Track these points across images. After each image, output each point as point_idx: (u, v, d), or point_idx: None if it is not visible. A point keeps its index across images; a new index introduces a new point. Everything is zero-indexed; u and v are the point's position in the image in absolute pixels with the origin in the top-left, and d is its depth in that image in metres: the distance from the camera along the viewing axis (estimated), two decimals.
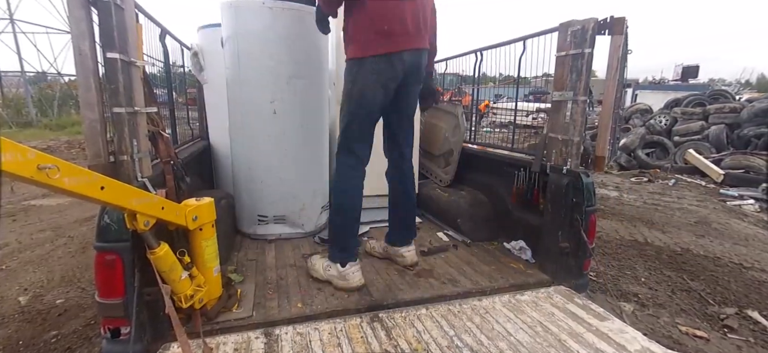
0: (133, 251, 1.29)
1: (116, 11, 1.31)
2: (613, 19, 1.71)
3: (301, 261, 2.09)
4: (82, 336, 2.26)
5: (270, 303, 1.66)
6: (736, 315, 2.53)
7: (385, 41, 1.65)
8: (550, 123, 1.95)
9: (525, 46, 2.33)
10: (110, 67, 1.32)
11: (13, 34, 14.36)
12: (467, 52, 3.07)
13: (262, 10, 2.10)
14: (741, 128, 7.19)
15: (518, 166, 2.23)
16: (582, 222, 1.79)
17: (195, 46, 2.65)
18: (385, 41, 1.65)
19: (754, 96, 9.84)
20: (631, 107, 9.61)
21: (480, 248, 2.32)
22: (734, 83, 22.87)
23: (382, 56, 1.67)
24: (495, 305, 1.70)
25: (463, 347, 1.41)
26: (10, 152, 0.80)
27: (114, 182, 1.08)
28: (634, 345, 1.41)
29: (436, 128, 3.23)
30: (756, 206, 5.04)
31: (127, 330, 1.32)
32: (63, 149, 8.81)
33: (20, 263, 3.18)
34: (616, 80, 1.77)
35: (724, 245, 3.69)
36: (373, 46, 1.66)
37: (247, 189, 2.39)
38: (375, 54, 1.66)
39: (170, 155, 1.65)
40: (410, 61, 1.73)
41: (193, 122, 3.21)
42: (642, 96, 13.89)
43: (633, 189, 6.05)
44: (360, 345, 1.41)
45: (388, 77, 1.71)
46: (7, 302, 2.61)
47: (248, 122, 2.27)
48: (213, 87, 2.81)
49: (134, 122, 1.42)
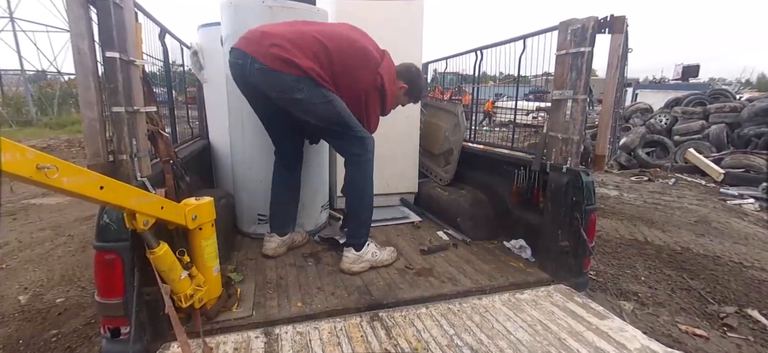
0: (132, 251, 1.29)
1: (115, 10, 1.31)
2: (613, 18, 1.71)
3: (300, 261, 2.09)
4: (82, 335, 2.26)
5: (270, 302, 1.66)
6: (735, 313, 2.53)
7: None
8: (550, 122, 1.95)
9: (525, 44, 2.33)
10: (109, 66, 1.32)
11: (13, 33, 14.34)
12: (467, 51, 3.07)
13: (262, 10, 2.09)
14: (741, 128, 7.18)
15: (518, 165, 2.23)
16: (582, 221, 1.79)
17: (195, 45, 2.65)
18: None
19: (754, 95, 9.83)
20: (632, 106, 9.60)
21: (480, 247, 2.32)
22: (735, 83, 22.89)
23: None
24: (495, 303, 1.70)
25: (463, 346, 1.41)
26: (10, 152, 0.80)
27: (113, 182, 1.08)
28: (634, 344, 1.42)
29: (436, 127, 3.23)
30: (756, 206, 5.04)
31: (126, 329, 1.32)
32: (63, 147, 8.81)
33: (20, 262, 3.19)
34: (616, 79, 1.77)
35: (724, 244, 3.69)
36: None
37: (247, 188, 2.39)
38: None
39: (170, 155, 1.65)
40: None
41: (192, 121, 3.21)
42: (642, 95, 13.88)
43: (633, 188, 6.05)
44: (360, 344, 1.41)
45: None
46: (7, 301, 2.61)
47: (248, 121, 2.27)
48: (213, 86, 2.80)
49: (133, 122, 1.42)
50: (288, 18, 2.13)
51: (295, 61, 1.69)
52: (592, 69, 1.79)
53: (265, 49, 1.71)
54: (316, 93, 1.76)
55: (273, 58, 1.70)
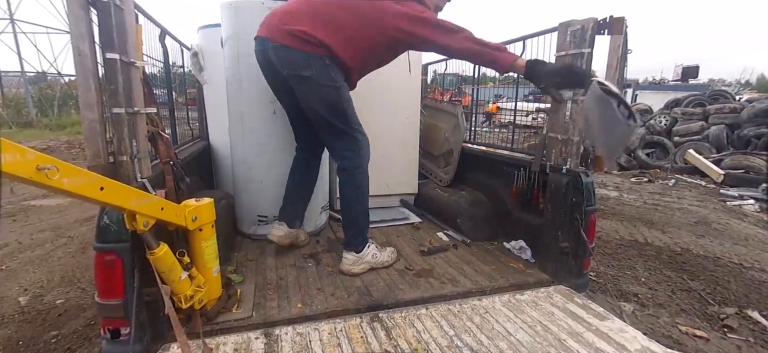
0: (132, 252, 1.29)
1: (116, 11, 1.31)
2: (612, 19, 1.71)
3: (301, 261, 2.09)
4: (82, 336, 2.26)
5: (270, 303, 1.66)
6: (736, 314, 2.53)
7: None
8: (550, 123, 1.95)
9: (525, 46, 2.33)
10: (110, 67, 1.32)
11: (13, 34, 14.38)
12: None
13: (262, 11, 2.09)
14: (741, 129, 7.19)
15: (518, 166, 2.23)
16: (582, 222, 1.79)
17: (195, 47, 2.65)
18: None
19: (754, 96, 9.85)
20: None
21: (480, 247, 2.32)
22: (734, 83, 22.90)
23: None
24: (495, 304, 1.70)
25: (463, 347, 1.41)
26: (10, 153, 0.80)
27: (113, 183, 1.08)
28: (634, 345, 1.41)
29: (436, 128, 3.23)
30: (756, 207, 5.04)
31: (126, 330, 1.32)
32: (63, 149, 8.81)
33: (20, 263, 3.19)
34: (615, 80, 1.77)
35: (724, 245, 3.69)
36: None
37: (247, 189, 2.39)
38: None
39: (170, 156, 1.65)
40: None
41: (192, 122, 3.22)
42: (642, 96, 13.90)
43: (633, 189, 6.05)
44: (360, 345, 1.41)
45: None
46: (7, 302, 2.61)
47: (248, 122, 2.27)
48: (213, 87, 2.81)
49: (134, 123, 1.42)
50: None
51: (305, 32, 1.68)
52: (591, 70, 1.79)
53: (279, 27, 1.74)
54: (324, 74, 1.74)
55: (284, 34, 1.71)
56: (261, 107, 2.22)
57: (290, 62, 1.74)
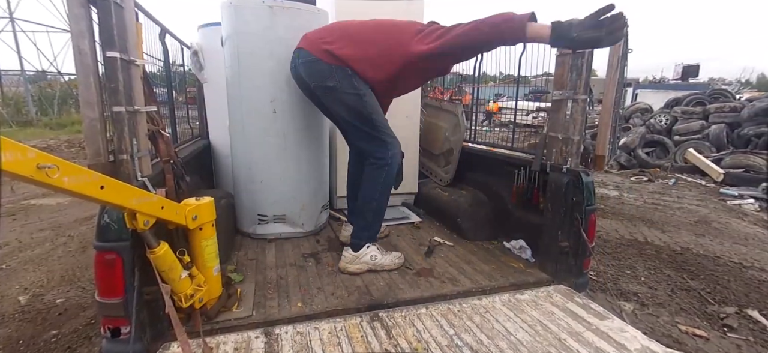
0: (132, 251, 1.29)
1: (116, 10, 1.31)
2: None
3: (301, 261, 2.09)
4: (82, 335, 2.26)
5: (270, 302, 1.66)
6: (735, 314, 2.53)
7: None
8: (550, 122, 1.95)
9: (525, 45, 2.33)
10: (110, 66, 1.32)
11: (13, 33, 14.34)
12: None
13: (263, 9, 2.09)
14: (741, 128, 7.18)
15: (518, 165, 2.23)
16: (582, 221, 1.79)
17: (195, 45, 2.65)
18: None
19: (754, 95, 9.83)
20: (632, 106, 9.60)
21: (480, 247, 2.32)
22: (734, 83, 22.87)
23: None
24: (495, 304, 1.70)
25: (463, 346, 1.41)
26: (10, 152, 0.80)
27: (114, 182, 1.08)
28: (634, 344, 1.42)
29: (436, 127, 3.23)
30: (756, 206, 5.04)
31: (127, 329, 1.32)
32: (63, 148, 8.80)
33: (20, 262, 3.19)
34: (616, 79, 1.77)
35: (724, 245, 3.69)
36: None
37: (247, 189, 2.39)
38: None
39: (170, 155, 1.65)
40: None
41: (193, 121, 3.21)
42: (642, 95, 13.88)
43: (633, 188, 6.05)
44: (360, 344, 1.41)
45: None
46: (7, 301, 2.61)
47: (248, 121, 2.27)
48: (213, 86, 2.80)
49: (134, 121, 1.42)
50: (288, 18, 2.13)
51: (333, 50, 1.82)
52: (592, 69, 1.79)
53: (315, 41, 1.88)
54: (347, 84, 1.83)
55: (317, 48, 1.86)
56: (261, 106, 2.21)
57: (317, 74, 1.87)
